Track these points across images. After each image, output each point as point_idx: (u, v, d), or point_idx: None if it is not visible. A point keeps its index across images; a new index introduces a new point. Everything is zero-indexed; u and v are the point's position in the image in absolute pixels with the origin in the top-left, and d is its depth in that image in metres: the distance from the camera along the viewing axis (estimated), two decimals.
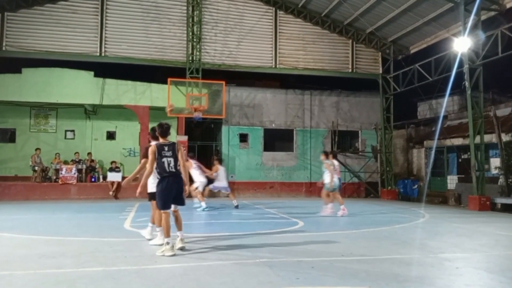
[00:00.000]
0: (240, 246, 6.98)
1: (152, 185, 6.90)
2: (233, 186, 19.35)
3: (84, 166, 17.67)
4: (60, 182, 16.72)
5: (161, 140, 6.42)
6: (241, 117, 19.97)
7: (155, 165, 6.31)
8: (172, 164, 6.28)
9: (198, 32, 18.53)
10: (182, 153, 6.44)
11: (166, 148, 6.29)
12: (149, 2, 18.34)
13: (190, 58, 18.40)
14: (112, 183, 17.02)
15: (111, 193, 16.85)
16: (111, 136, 20.13)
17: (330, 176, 11.70)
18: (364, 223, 10.55)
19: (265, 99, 20.34)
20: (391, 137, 20.73)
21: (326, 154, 12.32)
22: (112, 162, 17.73)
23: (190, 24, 18.51)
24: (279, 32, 19.81)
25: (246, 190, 19.48)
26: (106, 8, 17.95)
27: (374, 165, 21.25)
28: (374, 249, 7.04)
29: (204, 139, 22.60)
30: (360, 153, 21.16)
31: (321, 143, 20.69)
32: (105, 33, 17.88)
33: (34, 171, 17.25)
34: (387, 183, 20.23)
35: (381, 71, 20.81)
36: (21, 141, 18.87)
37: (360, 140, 21.40)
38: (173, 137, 19.78)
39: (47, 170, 17.72)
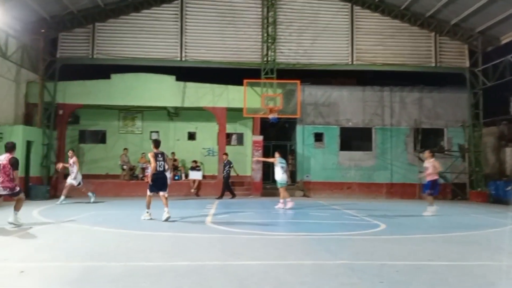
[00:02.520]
0: (319, 247, 6.87)
1: None
2: (309, 186, 19.22)
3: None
4: (146, 180, 17.64)
5: (155, 150, 9.83)
6: (316, 116, 19.71)
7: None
8: (162, 165, 9.75)
9: (273, 33, 18.64)
10: (167, 159, 10.40)
11: (159, 155, 9.78)
12: (225, 6, 18.82)
13: (265, 59, 18.57)
14: (194, 181, 17.71)
15: (192, 190, 17.55)
16: (191, 136, 20.98)
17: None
18: (452, 226, 9.87)
19: (341, 97, 19.87)
20: (481, 135, 19.17)
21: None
22: (193, 161, 18.45)
23: (265, 25, 18.68)
24: (356, 28, 19.25)
25: (322, 190, 19.18)
26: (185, 14, 18.74)
27: (461, 165, 19.79)
28: (465, 254, 6.56)
29: (278, 139, 22.69)
30: (445, 153, 19.83)
31: (402, 142, 19.74)
32: (185, 39, 18.67)
33: (123, 169, 18.53)
34: (476, 184, 18.76)
35: (468, 65, 19.34)
36: (111, 142, 20.34)
37: (445, 139, 20.06)
38: (249, 137, 20.13)
39: (134, 168, 18.94)
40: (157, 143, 10.17)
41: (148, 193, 9.84)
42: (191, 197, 16.80)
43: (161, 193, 9.68)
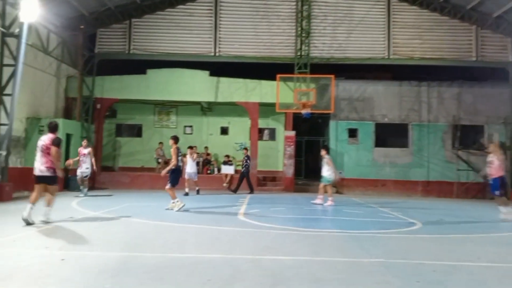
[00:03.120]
0: (353, 244, 6.77)
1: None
2: (342, 183, 18.95)
3: (201, 159, 18.84)
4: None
5: (176, 146, 10.61)
6: (350, 111, 19.38)
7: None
8: (180, 160, 10.63)
9: (307, 27, 18.44)
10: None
11: (179, 151, 10.56)
12: (259, 1, 18.77)
13: (299, 54, 18.41)
14: (226, 175, 17.85)
15: (224, 184, 17.68)
16: (224, 131, 21.13)
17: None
18: (492, 227, 9.51)
19: (376, 92, 19.44)
20: None
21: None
22: (225, 156, 18.59)
23: (299, 19, 18.51)
24: (393, 21, 18.76)
25: (355, 187, 18.88)
26: (220, 10, 18.84)
27: None
28: (505, 255, 6.29)
29: (311, 134, 22.52)
30: (485, 150, 19.06)
31: (440, 138, 19.11)
32: (219, 34, 18.78)
33: (158, 163, 18.91)
34: None
35: (511, 59, 18.50)
36: (147, 135, 20.79)
37: (486, 136, 19.27)
38: (281, 132, 20.08)
39: (169, 162, 19.24)
40: (177, 139, 10.85)
41: (170, 186, 10.38)
42: (224, 191, 16.93)
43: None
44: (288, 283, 4.46)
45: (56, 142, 7.71)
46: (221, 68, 18.90)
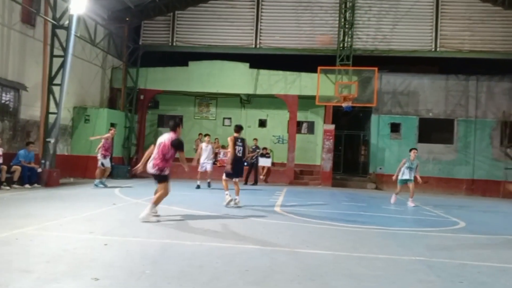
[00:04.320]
0: (393, 241, 6.61)
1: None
2: (382, 179, 18.54)
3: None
4: (219, 164, 18.20)
5: (236, 135, 9.71)
6: (394, 105, 18.84)
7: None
8: (240, 151, 9.60)
9: (351, 18, 18.04)
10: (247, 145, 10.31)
11: (239, 140, 9.65)
12: None
13: (341, 45, 18.07)
14: (263, 167, 17.88)
15: (261, 177, 17.73)
16: (262, 124, 21.14)
17: None
18: None
19: (421, 86, 18.78)
20: None
21: None
22: (263, 148, 18.59)
23: (343, 10, 18.13)
24: (441, 12, 18.00)
25: (396, 183, 18.32)
26: (262, 1, 18.77)
27: None
28: None
29: (351, 128, 22.11)
30: None
31: (488, 135, 18.25)
32: (260, 25, 18.75)
33: None
34: None
35: None
36: (187, 126, 21.12)
37: None
38: (320, 126, 19.84)
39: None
40: (237, 128, 9.97)
41: (224, 177, 9.65)
42: (260, 184, 16.96)
43: (235, 180, 9.64)
44: (325, 278, 4.41)
45: (175, 144, 7.21)
46: (261, 60, 18.88)
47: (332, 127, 18.26)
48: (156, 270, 4.32)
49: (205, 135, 14.49)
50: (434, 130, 18.66)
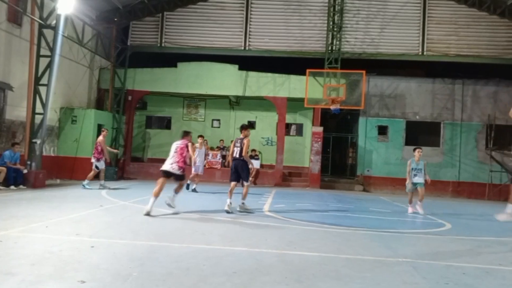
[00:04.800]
0: (379, 243, 6.66)
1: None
2: (369, 181, 18.71)
3: (228, 153, 18.91)
4: (207, 166, 18.19)
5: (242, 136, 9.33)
6: (381, 108, 19.03)
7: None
8: (237, 152, 9.18)
9: (339, 21, 18.18)
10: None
11: (238, 141, 9.30)
12: None
13: (330, 48, 18.19)
14: (252, 169, 17.87)
15: (250, 179, 17.69)
16: (251, 125, 21.12)
17: None
18: None
19: (408, 89, 19.00)
20: None
21: None
22: (252, 150, 18.61)
23: (331, 13, 18.27)
24: (428, 17, 18.27)
25: (383, 186, 18.58)
26: (251, 3, 18.82)
27: None
28: None
29: (339, 131, 22.27)
30: None
31: (473, 138, 18.53)
32: (249, 27, 18.79)
33: None
34: None
35: None
36: (176, 128, 21.05)
37: None
38: (308, 128, 19.93)
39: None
40: (240, 128, 9.58)
41: (248, 183, 9.53)
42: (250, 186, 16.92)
43: (242, 183, 9.48)
44: (312, 279, 4.43)
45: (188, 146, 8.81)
46: (250, 62, 18.93)
47: (320, 129, 18.36)
48: (143, 272, 4.30)
49: (199, 136, 13.78)
50: (421, 133, 18.89)
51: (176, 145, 8.67)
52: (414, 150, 11.22)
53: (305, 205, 11.60)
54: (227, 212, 8.84)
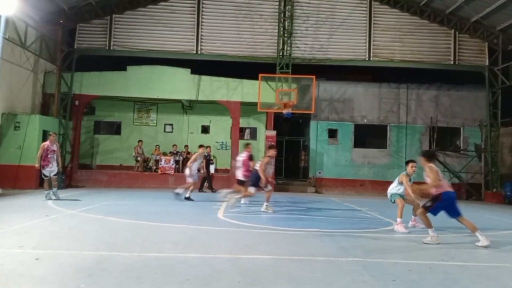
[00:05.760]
0: (331, 243, 6.84)
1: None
2: (321, 183, 19.15)
3: (181, 158, 18.71)
4: (160, 172, 17.90)
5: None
6: (331, 112, 19.58)
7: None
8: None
9: (289, 27, 18.53)
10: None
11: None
12: (242, 0, 18.76)
13: (281, 54, 18.49)
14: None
15: (205, 184, 17.56)
16: (205, 130, 21.05)
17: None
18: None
19: (356, 94, 19.70)
20: (498, 135, 18.86)
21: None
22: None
23: (282, 19, 18.58)
24: (374, 24, 19.04)
25: (334, 187, 19.11)
26: (202, 8, 18.75)
27: (477, 165, 19.51)
28: (478, 255, 6.46)
29: (291, 134, 22.65)
30: (461, 152, 19.56)
31: (418, 140, 19.50)
32: (201, 32, 18.70)
33: (137, 161, 18.70)
34: (491, 185, 18.47)
35: (487, 63, 19.02)
36: (126, 133, 20.53)
37: (462, 138, 19.75)
38: (262, 131, 20.12)
39: (148, 160, 19.09)
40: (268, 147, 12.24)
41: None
42: (204, 190, 16.84)
43: (232, 189, 11.57)
44: (265, 283, 4.47)
45: (251, 158, 11.94)
46: (203, 67, 18.84)
47: (273, 133, 18.60)
48: (91, 284, 4.16)
49: (207, 147, 16.22)
50: (369, 136, 19.65)
51: (240, 157, 11.74)
52: (407, 163, 9.76)
53: (260, 208, 11.65)
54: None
